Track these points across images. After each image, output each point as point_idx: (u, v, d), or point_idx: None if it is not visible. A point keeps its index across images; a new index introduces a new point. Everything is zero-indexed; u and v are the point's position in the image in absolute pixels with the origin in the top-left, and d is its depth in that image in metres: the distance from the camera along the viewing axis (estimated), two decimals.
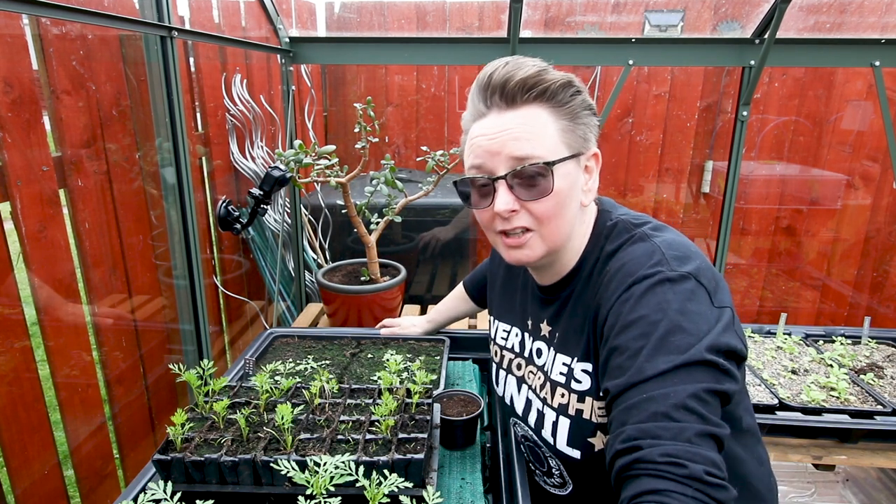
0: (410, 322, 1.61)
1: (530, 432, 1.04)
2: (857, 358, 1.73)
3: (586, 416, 0.91)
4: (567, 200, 0.89)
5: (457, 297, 1.57)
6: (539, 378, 1.03)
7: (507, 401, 1.12)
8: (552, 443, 0.96)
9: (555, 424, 0.96)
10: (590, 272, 0.94)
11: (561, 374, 0.96)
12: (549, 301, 1.02)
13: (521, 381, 1.09)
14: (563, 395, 0.95)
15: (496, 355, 1.18)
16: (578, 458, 0.93)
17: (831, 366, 1.67)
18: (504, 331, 1.16)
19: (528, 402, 1.05)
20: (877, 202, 3.36)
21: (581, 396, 0.92)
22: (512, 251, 0.93)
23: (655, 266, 0.81)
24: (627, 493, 0.66)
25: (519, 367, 1.10)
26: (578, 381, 0.92)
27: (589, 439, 0.91)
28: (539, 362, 1.04)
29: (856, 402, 1.51)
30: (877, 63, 2.18)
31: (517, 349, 1.11)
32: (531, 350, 1.07)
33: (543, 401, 1.00)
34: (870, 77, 2.64)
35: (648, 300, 0.78)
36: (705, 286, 0.79)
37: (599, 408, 0.89)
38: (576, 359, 0.94)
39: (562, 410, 0.95)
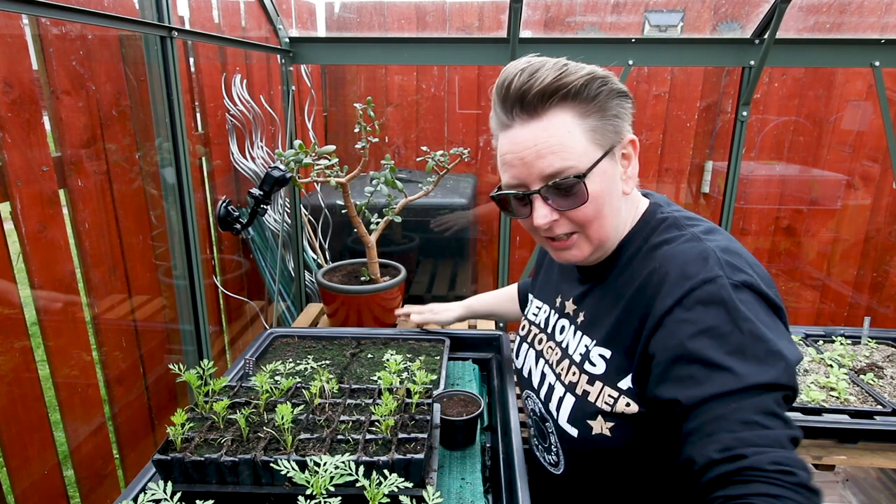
0: (443, 307, 1.56)
1: (540, 405, 1.06)
2: (856, 358, 1.73)
3: (591, 398, 0.92)
4: (607, 199, 0.89)
5: (505, 295, 1.53)
6: (556, 354, 1.05)
7: (525, 373, 1.14)
8: (556, 417, 0.98)
9: (561, 399, 0.98)
10: (629, 260, 0.93)
11: (580, 354, 0.97)
12: (583, 281, 1.03)
13: (539, 354, 1.11)
14: (574, 374, 0.97)
15: (522, 329, 1.21)
16: (575, 436, 0.94)
17: (831, 366, 1.66)
18: (537, 307, 1.19)
19: (543, 376, 1.07)
20: (877, 202, 3.36)
21: (591, 379, 0.93)
22: (560, 252, 0.95)
23: (713, 270, 0.79)
24: (734, 492, 0.67)
25: (540, 341, 1.12)
26: (593, 364, 0.93)
27: (588, 421, 0.92)
28: (559, 338, 1.06)
29: (855, 402, 1.51)
30: (877, 63, 2.18)
31: (542, 325, 1.14)
32: (553, 326, 1.09)
33: (557, 376, 1.02)
34: (870, 77, 2.64)
35: (716, 310, 0.76)
36: (763, 295, 0.79)
37: (609, 395, 0.89)
38: (595, 342, 0.94)
39: (570, 388, 0.96)
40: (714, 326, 0.75)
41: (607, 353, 0.91)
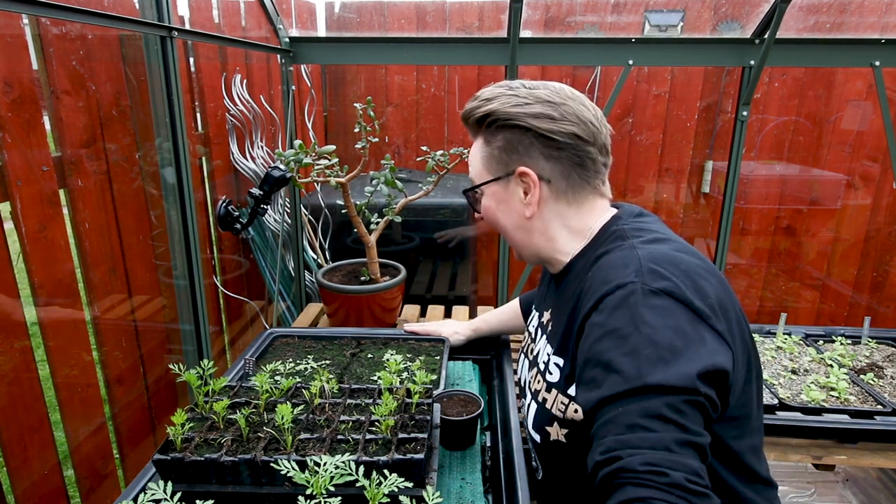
0: (452, 329, 1.55)
1: (526, 412, 1.10)
2: (857, 358, 1.73)
3: (548, 405, 0.96)
4: (499, 215, 1.04)
5: (509, 311, 1.56)
6: (532, 361, 1.11)
7: (522, 383, 1.18)
8: (528, 423, 1.04)
9: (528, 407, 1.04)
10: (578, 272, 0.98)
11: (543, 362, 1.02)
12: (555, 290, 1.09)
13: (530, 363, 1.15)
14: (539, 382, 1.02)
15: (523, 339, 1.26)
16: (539, 442, 0.99)
17: (831, 366, 1.67)
18: (535, 318, 1.23)
19: (527, 384, 1.12)
20: (877, 202, 3.36)
21: (549, 387, 0.97)
22: None
23: (629, 276, 0.81)
24: (612, 502, 0.67)
25: (531, 351, 1.16)
26: (550, 373, 0.98)
27: (547, 427, 0.96)
28: (535, 346, 1.12)
29: (856, 402, 1.51)
30: (877, 63, 2.18)
31: (534, 335, 1.18)
32: (537, 335, 1.14)
33: (528, 382, 1.08)
34: (870, 77, 2.64)
35: (622, 313, 0.78)
36: (686, 302, 0.77)
37: (562, 402, 0.93)
38: (553, 351, 0.99)
39: (535, 396, 1.02)
40: (617, 328, 0.77)
41: (560, 362, 0.96)
